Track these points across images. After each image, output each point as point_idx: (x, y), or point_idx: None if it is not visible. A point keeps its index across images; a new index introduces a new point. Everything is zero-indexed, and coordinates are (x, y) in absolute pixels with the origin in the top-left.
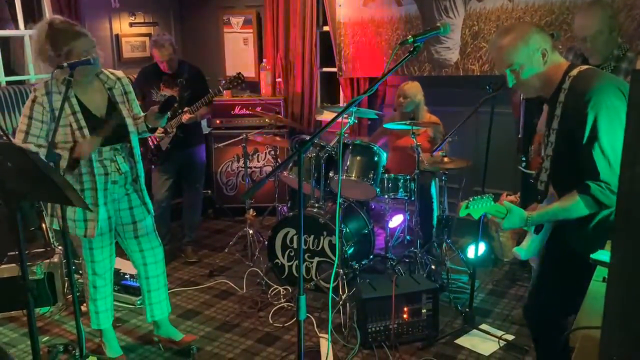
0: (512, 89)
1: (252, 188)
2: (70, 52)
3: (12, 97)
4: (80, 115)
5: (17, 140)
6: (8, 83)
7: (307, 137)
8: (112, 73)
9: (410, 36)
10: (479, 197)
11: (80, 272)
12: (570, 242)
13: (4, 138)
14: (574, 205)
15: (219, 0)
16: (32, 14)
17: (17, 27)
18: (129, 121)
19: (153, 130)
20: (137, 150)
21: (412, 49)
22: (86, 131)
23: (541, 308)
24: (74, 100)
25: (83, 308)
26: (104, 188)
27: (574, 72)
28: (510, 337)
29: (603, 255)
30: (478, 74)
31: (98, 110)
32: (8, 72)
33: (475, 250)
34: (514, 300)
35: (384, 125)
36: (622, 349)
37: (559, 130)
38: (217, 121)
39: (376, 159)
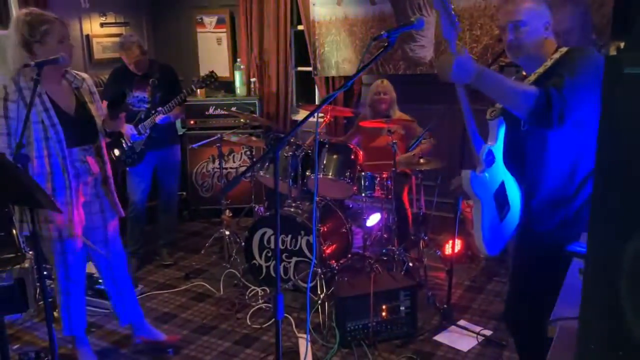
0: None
1: (228, 186)
2: (47, 33)
3: None
4: (52, 112)
5: (0, 144)
6: None
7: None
8: (77, 74)
9: (384, 31)
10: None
11: (53, 277)
12: (542, 234)
13: None
14: (527, 92)
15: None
16: None
17: None
18: (97, 120)
19: (110, 134)
20: (105, 150)
21: (386, 44)
22: (59, 127)
23: (525, 311)
24: (44, 97)
25: (55, 314)
26: (77, 189)
27: (564, 49)
28: (488, 333)
29: (578, 246)
30: None
31: (68, 108)
32: None
33: (452, 247)
34: (492, 296)
35: (360, 124)
36: (600, 338)
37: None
38: (192, 122)
39: (352, 157)
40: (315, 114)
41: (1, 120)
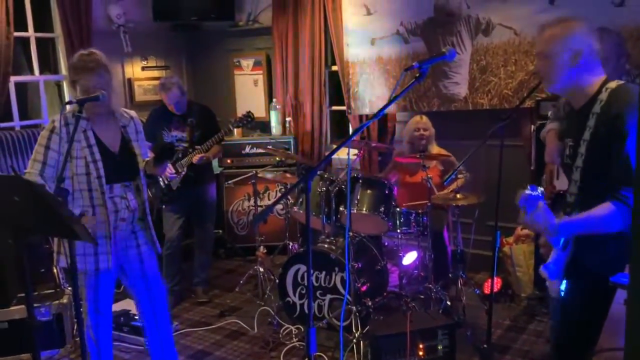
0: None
1: (259, 216)
2: (75, 84)
3: (25, 140)
4: (95, 149)
5: (33, 170)
6: (22, 127)
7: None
8: (126, 112)
9: (416, 62)
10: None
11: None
12: (592, 266)
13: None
14: (609, 215)
15: (229, 44)
16: (47, 61)
17: (32, 73)
18: (139, 159)
19: (149, 176)
20: (145, 188)
21: (417, 74)
22: (100, 164)
23: (573, 341)
24: (90, 134)
25: None
26: (113, 226)
27: (613, 84)
28: None
29: (623, 277)
30: (487, 107)
31: (112, 146)
32: (24, 116)
33: (492, 285)
34: (534, 336)
35: (397, 160)
36: None
37: (591, 141)
38: (229, 161)
39: (387, 192)
40: (347, 145)
41: (41, 148)
